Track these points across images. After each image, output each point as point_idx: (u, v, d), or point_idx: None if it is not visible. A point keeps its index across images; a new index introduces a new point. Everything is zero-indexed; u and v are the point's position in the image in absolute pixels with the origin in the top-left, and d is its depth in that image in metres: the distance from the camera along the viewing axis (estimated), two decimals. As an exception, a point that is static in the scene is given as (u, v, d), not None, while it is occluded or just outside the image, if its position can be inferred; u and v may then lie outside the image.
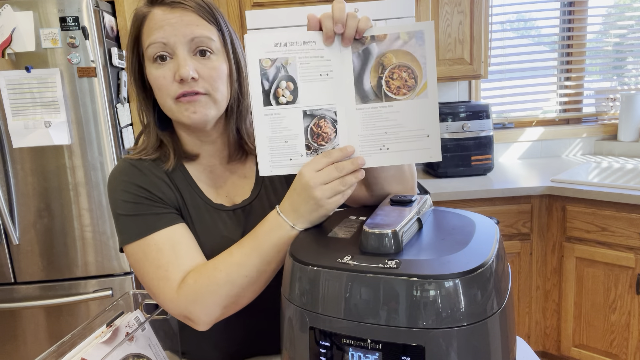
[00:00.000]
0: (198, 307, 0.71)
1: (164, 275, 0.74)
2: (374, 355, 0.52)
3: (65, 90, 1.71)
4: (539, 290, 2.12)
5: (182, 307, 0.72)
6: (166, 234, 0.77)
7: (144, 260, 0.76)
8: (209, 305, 0.71)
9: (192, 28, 0.74)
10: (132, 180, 0.80)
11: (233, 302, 0.73)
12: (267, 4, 2.12)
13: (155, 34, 0.74)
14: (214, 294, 0.71)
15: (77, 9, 1.67)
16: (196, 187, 0.85)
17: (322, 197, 0.67)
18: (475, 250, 0.56)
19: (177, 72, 0.74)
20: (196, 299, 0.71)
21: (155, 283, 0.75)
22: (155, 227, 0.77)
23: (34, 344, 1.89)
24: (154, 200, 0.79)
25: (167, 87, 0.75)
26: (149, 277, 0.76)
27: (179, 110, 0.77)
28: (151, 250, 0.76)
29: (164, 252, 0.75)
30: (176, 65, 0.74)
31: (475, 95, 2.62)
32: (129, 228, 0.77)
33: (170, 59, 0.75)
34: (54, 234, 1.80)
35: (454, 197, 2.02)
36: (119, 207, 0.79)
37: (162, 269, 0.74)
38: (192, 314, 0.72)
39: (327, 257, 0.58)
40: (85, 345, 0.73)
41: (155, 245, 0.76)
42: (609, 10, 2.62)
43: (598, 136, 2.64)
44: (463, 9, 2.18)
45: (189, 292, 0.72)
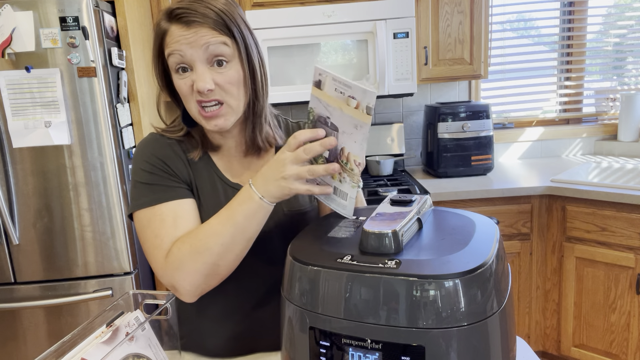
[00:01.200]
0: (181, 274, 0.77)
1: (158, 244, 0.81)
2: (374, 355, 0.52)
3: (65, 90, 1.71)
4: (539, 290, 2.12)
5: (168, 274, 0.79)
6: (172, 207, 0.83)
7: (147, 227, 0.83)
8: (190, 272, 0.77)
9: (206, 40, 0.79)
10: (154, 152, 0.87)
11: (212, 270, 0.77)
12: (267, 4, 2.12)
13: (174, 46, 0.80)
14: (195, 260, 0.76)
15: (77, 8, 1.67)
16: (215, 167, 0.91)
17: (289, 178, 0.72)
18: (475, 250, 0.56)
19: (195, 84, 0.80)
20: (179, 266, 0.77)
21: (150, 251, 0.82)
22: (164, 198, 0.83)
23: (34, 344, 1.89)
24: (169, 173, 0.86)
25: (190, 94, 0.82)
26: (147, 245, 0.83)
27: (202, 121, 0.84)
28: (155, 219, 0.82)
29: (165, 223, 0.82)
30: (194, 78, 0.81)
31: (475, 95, 2.62)
32: (141, 195, 0.84)
33: (190, 70, 0.81)
34: (54, 234, 1.80)
35: (454, 197, 2.02)
36: (137, 175, 0.86)
37: (158, 238, 0.81)
38: (177, 282, 0.78)
39: (327, 257, 0.58)
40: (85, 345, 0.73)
41: (160, 215, 0.82)
42: (609, 10, 2.62)
43: (598, 136, 2.64)
44: (463, 9, 2.18)
45: (173, 260, 0.78)
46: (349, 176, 0.72)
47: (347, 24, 2.03)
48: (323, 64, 2.08)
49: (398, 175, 2.41)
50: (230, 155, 0.93)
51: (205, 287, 0.79)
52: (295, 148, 0.72)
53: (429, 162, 2.37)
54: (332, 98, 0.69)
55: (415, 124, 2.65)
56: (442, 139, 2.26)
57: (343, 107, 0.69)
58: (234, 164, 0.93)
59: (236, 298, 0.90)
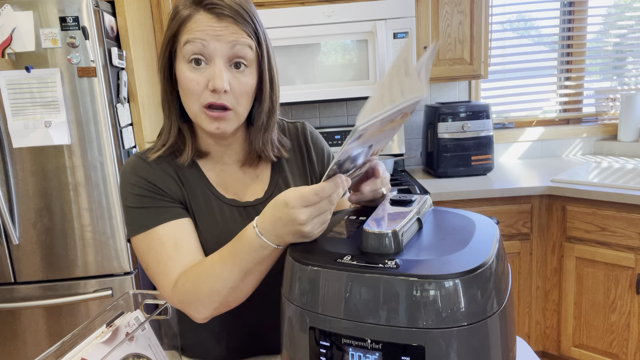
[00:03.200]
0: (189, 308, 0.75)
1: (162, 270, 0.78)
2: (374, 355, 0.52)
3: (65, 90, 1.71)
4: (539, 290, 2.12)
5: (176, 305, 0.77)
6: (170, 229, 0.80)
7: (147, 253, 0.80)
8: (199, 308, 0.74)
9: (235, 37, 0.75)
10: (140, 174, 0.83)
11: (223, 305, 0.75)
12: (267, 4, 2.12)
13: (197, 34, 0.74)
14: (201, 301, 0.74)
15: (77, 8, 1.67)
16: (208, 182, 0.87)
17: (311, 231, 0.64)
18: (475, 250, 0.56)
19: (211, 80, 0.75)
20: (186, 302, 0.75)
21: (155, 277, 0.79)
22: (159, 220, 0.80)
23: (34, 344, 1.89)
24: (161, 194, 0.82)
25: (198, 92, 0.76)
26: (150, 271, 0.80)
27: (204, 120, 0.78)
28: (155, 244, 0.79)
29: (166, 247, 0.78)
30: (211, 74, 0.75)
31: (475, 95, 2.62)
32: (135, 220, 0.80)
33: (206, 64, 0.76)
34: (54, 234, 1.80)
35: (454, 197, 2.02)
36: (127, 200, 0.82)
37: (161, 264, 0.78)
38: (186, 311, 0.76)
39: (327, 257, 0.58)
40: (85, 345, 0.73)
41: (159, 239, 0.79)
42: (609, 10, 2.62)
43: (598, 136, 2.64)
44: (463, 9, 2.18)
45: (180, 295, 0.75)
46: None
47: (347, 24, 2.03)
48: (323, 64, 2.08)
49: (398, 175, 2.40)
50: (223, 164, 0.89)
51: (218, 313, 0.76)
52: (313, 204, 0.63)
53: (429, 162, 2.37)
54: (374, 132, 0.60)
55: (415, 124, 2.65)
56: (442, 139, 2.26)
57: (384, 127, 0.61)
58: (227, 176, 0.89)
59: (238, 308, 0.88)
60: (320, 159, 0.98)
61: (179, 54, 0.78)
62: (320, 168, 0.98)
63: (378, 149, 0.70)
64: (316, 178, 0.97)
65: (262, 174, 0.92)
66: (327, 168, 0.95)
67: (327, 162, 0.99)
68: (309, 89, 2.09)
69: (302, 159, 0.96)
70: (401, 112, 0.60)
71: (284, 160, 0.94)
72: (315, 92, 2.09)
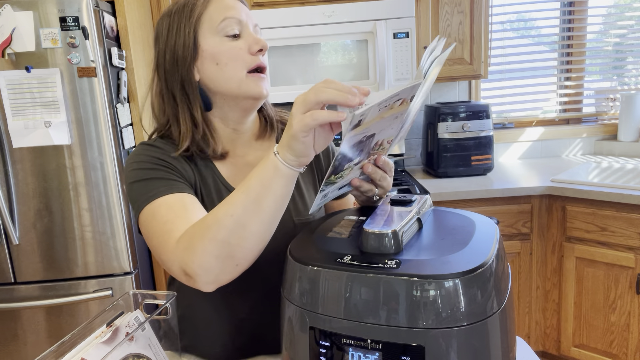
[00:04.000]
0: (191, 255, 0.67)
1: (169, 228, 0.72)
2: (374, 355, 0.52)
3: (65, 90, 1.71)
4: (539, 290, 2.12)
5: (179, 258, 0.69)
6: (178, 197, 0.76)
7: (153, 219, 0.74)
8: (200, 253, 0.66)
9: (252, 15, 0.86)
10: (149, 154, 0.81)
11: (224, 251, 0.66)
12: (267, 4, 2.12)
13: (232, 11, 0.82)
14: (203, 237, 0.66)
15: (77, 9, 1.67)
16: (219, 174, 0.87)
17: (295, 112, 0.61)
18: (475, 250, 0.56)
19: (253, 44, 0.81)
20: (189, 245, 0.67)
21: (160, 239, 0.72)
22: (170, 191, 0.76)
23: (34, 344, 1.89)
24: (171, 169, 0.80)
25: (243, 57, 0.81)
26: (155, 235, 0.73)
27: (250, 84, 0.82)
28: (161, 209, 0.74)
29: (174, 209, 0.74)
30: (250, 39, 0.82)
31: (475, 95, 2.62)
32: (140, 194, 0.76)
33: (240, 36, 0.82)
34: (54, 234, 1.80)
35: (454, 197, 2.02)
36: (131, 177, 0.79)
37: (169, 223, 0.72)
38: (188, 265, 0.67)
39: (327, 257, 0.58)
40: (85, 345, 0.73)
41: (167, 204, 0.74)
42: (609, 10, 2.62)
43: (598, 136, 2.64)
44: (463, 9, 2.18)
45: (184, 239, 0.69)
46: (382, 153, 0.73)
47: (347, 24, 2.03)
48: (323, 64, 2.08)
49: (398, 175, 2.40)
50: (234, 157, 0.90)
51: (220, 272, 0.67)
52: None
53: (429, 162, 2.37)
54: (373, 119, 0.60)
55: (415, 124, 2.65)
56: (442, 139, 2.26)
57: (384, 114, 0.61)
58: (237, 171, 0.90)
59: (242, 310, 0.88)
60: (325, 154, 1.00)
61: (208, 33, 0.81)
62: (326, 163, 1.00)
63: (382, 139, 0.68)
64: (322, 173, 0.99)
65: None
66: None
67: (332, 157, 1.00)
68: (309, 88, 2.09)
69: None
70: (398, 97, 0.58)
71: None
72: (315, 92, 2.09)
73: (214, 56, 0.81)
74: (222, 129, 0.88)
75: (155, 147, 0.83)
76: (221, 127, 0.88)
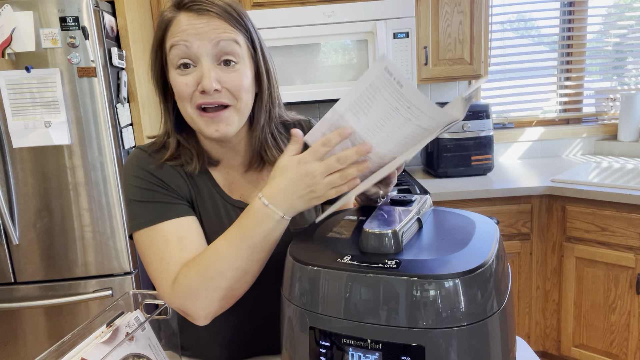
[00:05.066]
0: (192, 302, 0.71)
1: (164, 268, 0.74)
2: (374, 355, 0.52)
3: (65, 90, 1.71)
4: (539, 290, 2.12)
5: (177, 302, 0.73)
6: (175, 225, 0.77)
7: (150, 249, 0.76)
8: (203, 300, 0.71)
9: (218, 33, 0.73)
10: (147, 168, 0.80)
11: (228, 294, 0.72)
12: (267, 4, 2.12)
13: (179, 36, 0.72)
14: (207, 288, 0.70)
15: (77, 9, 1.67)
16: (215, 183, 0.86)
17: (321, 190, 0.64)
18: (475, 250, 0.56)
19: (200, 82, 0.73)
20: (189, 295, 0.71)
21: (156, 275, 0.76)
22: (165, 216, 0.77)
23: (34, 344, 1.89)
24: (167, 189, 0.80)
25: (189, 95, 0.74)
26: (151, 268, 0.76)
27: (201, 123, 0.76)
28: (158, 240, 0.76)
29: (170, 244, 0.75)
30: (199, 75, 0.73)
31: (475, 95, 2.62)
32: (139, 215, 0.78)
33: (194, 67, 0.74)
34: (54, 234, 1.80)
35: (454, 197, 2.02)
36: (131, 193, 0.79)
37: (164, 261, 0.74)
38: (188, 309, 0.72)
39: (327, 257, 0.58)
40: (85, 345, 0.73)
41: (163, 236, 0.76)
42: (609, 10, 2.62)
43: (598, 136, 2.64)
44: (463, 9, 2.18)
45: (182, 289, 0.71)
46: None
47: (347, 24, 2.03)
48: (323, 64, 2.08)
49: (398, 175, 2.40)
50: (230, 167, 0.87)
51: (220, 310, 0.73)
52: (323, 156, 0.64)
53: (429, 162, 2.37)
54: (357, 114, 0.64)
55: (415, 124, 2.65)
56: (442, 139, 2.26)
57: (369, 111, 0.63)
58: (234, 178, 0.87)
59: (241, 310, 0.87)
60: None
61: (169, 60, 0.76)
62: None
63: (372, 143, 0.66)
64: None
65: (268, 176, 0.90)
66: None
67: None
68: (309, 89, 2.09)
69: None
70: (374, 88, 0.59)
71: None
72: (315, 92, 2.09)
73: (173, 88, 0.77)
74: (208, 144, 0.85)
75: (151, 159, 0.82)
76: (206, 142, 0.85)
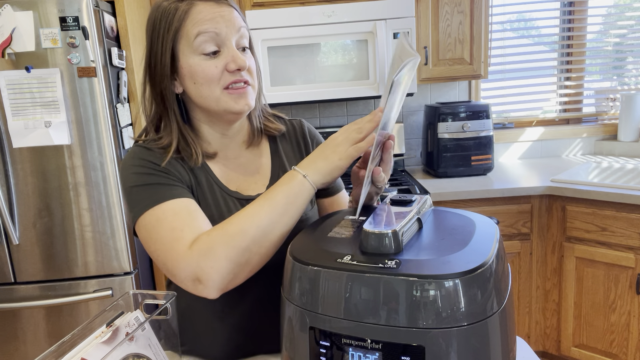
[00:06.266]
0: (209, 261, 0.69)
1: (178, 236, 0.73)
2: (374, 355, 0.52)
3: (65, 90, 1.71)
4: (539, 290, 2.12)
5: (193, 264, 0.70)
6: (181, 202, 0.77)
7: (159, 226, 0.74)
8: (221, 259, 0.69)
9: (239, 21, 0.80)
10: (146, 157, 0.81)
11: (245, 257, 0.70)
12: (267, 4, 2.12)
13: (207, 24, 0.77)
14: (226, 245, 0.69)
15: (77, 9, 1.67)
16: (212, 174, 0.87)
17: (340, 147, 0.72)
18: (475, 250, 0.56)
19: (231, 62, 0.78)
20: (208, 251, 0.70)
21: (168, 245, 0.73)
22: (170, 196, 0.77)
23: (34, 344, 1.89)
24: (168, 173, 0.80)
25: (217, 76, 0.78)
26: (161, 242, 0.74)
27: (231, 101, 0.80)
28: (166, 215, 0.75)
29: (180, 215, 0.75)
30: (228, 56, 0.78)
31: (475, 95, 2.62)
32: (142, 199, 0.77)
33: (219, 52, 0.79)
34: (54, 234, 1.80)
35: (454, 197, 2.02)
36: (130, 181, 0.79)
37: (177, 229, 0.73)
38: (203, 270, 0.70)
39: (327, 257, 0.58)
40: (85, 345, 0.73)
41: (172, 209, 0.75)
42: (609, 10, 2.62)
43: (598, 136, 2.64)
44: (463, 9, 2.18)
45: (202, 246, 0.70)
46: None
47: (347, 24, 2.03)
48: (323, 64, 2.08)
49: (398, 175, 2.40)
50: (226, 159, 0.90)
51: (233, 278, 0.71)
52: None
53: (429, 162, 2.37)
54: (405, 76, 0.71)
55: (415, 124, 2.65)
56: (442, 139, 2.26)
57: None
58: (230, 171, 0.90)
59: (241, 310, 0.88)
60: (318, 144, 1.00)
61: (186, 49, 0.78)
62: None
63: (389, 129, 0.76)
64: None
65: (263, 169, 0.93)
66: None
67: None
68: (309, 89, 2.09)
69: (301, 154, 0.98)
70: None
71: (283, 156, 0.96)
72: (315, 92, 2.09)
73: (191, 75, 0.80)
74: (210, 134, 0.88)
75: (150, 150, 0.83)
76: (209, 132, 0.88)
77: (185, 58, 0.79)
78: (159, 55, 0.80)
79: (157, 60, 0.81)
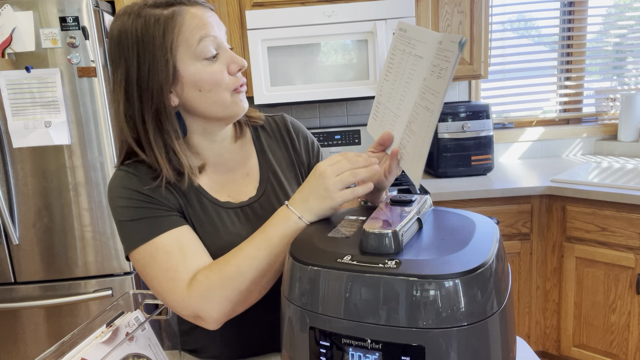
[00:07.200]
0: (209, 302, 0.72)
1: (173, 276, 0.74)
2: (374, 355, 0.52)
3: (65, 90, 1.71)
4: (539, 290, 2.12)
5: (193, 304, 0.73)
6: (172, 236, 0.77)
7: (152, 263, 0.75)
8: (220, 300, 0.72)
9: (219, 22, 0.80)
10: (131, 186, 0.78)
11: (243, 297, 0.73)
12: (267, 4, 2.12)
13: (205, 29, 0.76)
14: (225, 287, 0.72)
15: (77, 8, 1.67)
16: (200, 188, 0.85)
17: (333, 188, 0.70)
18: (475, 250, 0.56)
19: (231, 63, 0.79)
20: (207, 294, 0.72)
21: (164, 285, 0.75)
22: (159, 230, 0.76)
23: (34, 344, 1.89)
24: (155, 203, 0.78)
25: (225, 81, 0.78)
26: (157, 280, 0.75)
27: (235, 102, 0.81)
28: (159, 253, 0.75)
29: (172, 254, 0.75)
30: (227, 58, 0.79)
31: (475, 95, 2.62)
32: (133, 233, 0.77)
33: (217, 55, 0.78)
34: (54, 234, 1.80)
35: (454, 197, 2.02)
36: (120, 214, 0.78)
37: (171, 270, 0.74)
38: (204, 310, 0.72)
39: (327, 257, 0.58)
40: (85, 345, 0.73)
41: (163, 247, 0.75)
42: (609, 10, 2.62)
43: (598, 136, 2.64)
44: (463, 9, 2.18)
45: (200, 288, 0.72)
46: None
47: (347, 24, 2.03)
48: (323, 64, 2.08)
49: (398, 175, 2.41)
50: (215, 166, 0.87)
51: (233, 314, 0.74)
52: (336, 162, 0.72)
53: (429, 162, 2.37)
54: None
55: (415, 124, 2.65)
56: (442, 139, 2.26)
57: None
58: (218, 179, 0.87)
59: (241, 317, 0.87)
60: (305, 148, 0.98)
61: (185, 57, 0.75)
62: (307, 156, 0.98)
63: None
64: (304, 168, 0.97)
65: (251, 172, 0.91)
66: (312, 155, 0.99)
67: (312, 150, 0.99)
68: (309, 89, 2.09)
69: (287, 150, 0.97)
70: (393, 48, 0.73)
71: (269, 154, 0.94)
72: (316, 92, 2.09)
73: (195, 83, 0.76)
74: (200, 143, 0.85)
75: (134, 176, 0.79)
76: (199, 142, 0.85)
77: (185, 66, 0.76)
78: (157, 67, 0.74)
79: (152, 74, 0.75)
